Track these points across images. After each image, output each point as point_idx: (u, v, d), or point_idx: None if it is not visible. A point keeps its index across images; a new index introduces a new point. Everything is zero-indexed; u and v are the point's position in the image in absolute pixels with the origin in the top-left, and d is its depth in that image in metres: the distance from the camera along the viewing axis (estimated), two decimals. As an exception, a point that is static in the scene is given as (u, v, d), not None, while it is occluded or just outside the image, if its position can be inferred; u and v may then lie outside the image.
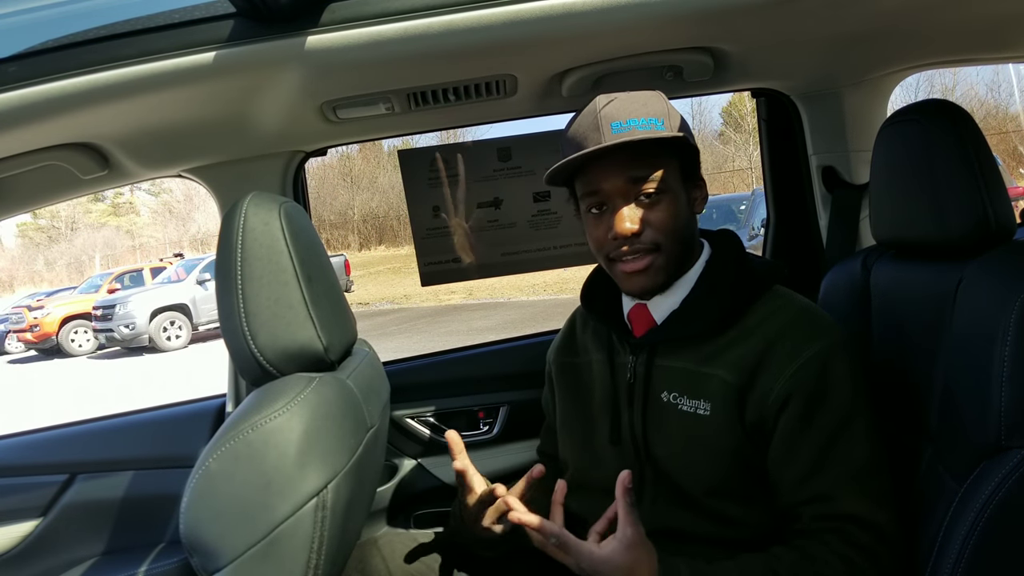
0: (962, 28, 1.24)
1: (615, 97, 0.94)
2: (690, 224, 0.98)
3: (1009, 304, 0.73)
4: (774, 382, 0.89)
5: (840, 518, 0.86)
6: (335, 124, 1.28)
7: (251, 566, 0.73)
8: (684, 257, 0.98)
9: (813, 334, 0.90)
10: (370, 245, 28.33)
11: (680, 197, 0.96)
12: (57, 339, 12.02)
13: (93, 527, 1.51)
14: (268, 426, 0.76)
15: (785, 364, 0.89)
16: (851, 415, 0.88)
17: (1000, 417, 0.72)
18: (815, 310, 0.95)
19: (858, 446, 0.87)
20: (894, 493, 0.89)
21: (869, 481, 0.87)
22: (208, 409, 1.58)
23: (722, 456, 0.91)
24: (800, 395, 0.88)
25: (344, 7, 0.92)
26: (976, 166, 0.89)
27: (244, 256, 0.84)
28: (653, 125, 0.92)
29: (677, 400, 0.96)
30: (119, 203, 34.24)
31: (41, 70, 0.90)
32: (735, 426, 0.90)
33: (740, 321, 0.94)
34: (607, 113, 0.93)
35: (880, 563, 0.85)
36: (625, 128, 0.91)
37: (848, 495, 0.86)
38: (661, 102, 0.96)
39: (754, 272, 0.98)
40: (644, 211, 0.94)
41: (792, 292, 0.99)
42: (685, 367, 0.96)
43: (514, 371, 1.66)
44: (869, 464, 0.87)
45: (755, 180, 21.13)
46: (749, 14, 1.01)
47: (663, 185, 0.93)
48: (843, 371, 0.89)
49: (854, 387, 0.89)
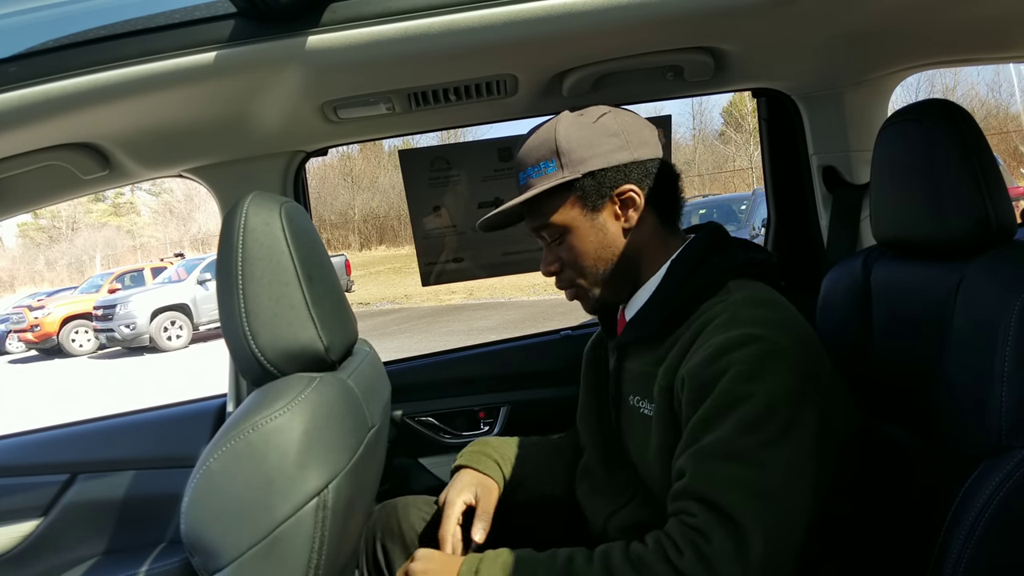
0: (963, 28, 1.24)
1: (525, 142, 1.01)
2: (618, 245, 0.98)
3: (1010, 304, 0.73)
4: (680, 371, 0.87)
5: (680, 493, 0.81)
6: (336, 124, 1.28)
7: (252, 566, 0.73)
8: (625, 275, 1.00)
9: (730, 325, 0.85)
10: (371, 245, 28.35)
11: (589, 229, 0.98)
12: (58, 339, 12.02)
13: (94, 527, 1.51)
14: (269, 426, 0.76)
15: (694, 353, 0.87)
16: (734, 403, 0.80)
17: (1001, 417, 0.72)
18: (758, 306, 0.88)
19: (732, 433, 0.79)
20: (781, 507, 0.77)
21: (728, 464, 0.78)
22: (209, 409, 1.58)
23: (665, 455, 0.90)
24: (692, 378, 0.85)
25: (344, 7, 0.92)
26: (977, 166, 0.89)
27: (245, 256, 0.84)
28: (544, 169, 0.98)
29: (639, 403, 0.98)
30: (120, 203, 34.28)
31: (42, 70, 0.90)
32: (670, 424, 0.90)
33: (688, 319, 0.93)
34: (517, 162, 1.03)
35: (710, 552, 0.75)
36: (524, 177, 1.01)
37: (693, 469, 0.80)
38: (550, 139, 0.98)
39: (711, 268, 0.94)
40: (557, 250, 1.02)
41: (750, 286, 0.92)
42: (643, 370, 0.97)
43: (515, 371, 1.66)
44: (739, 454, 0.78)
45: (756, 180, 21.12)
46: (750, 14, 1.01)
47: (562, 227, 0.99)
48: (744, 359, 0.81)
49: (749, 380, 0.80)
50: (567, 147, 0.97)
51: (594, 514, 1.07)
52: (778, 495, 0.78)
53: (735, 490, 0.77)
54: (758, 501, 0.77)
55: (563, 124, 0.98)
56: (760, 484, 0.78)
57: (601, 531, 1.04)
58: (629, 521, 1.00)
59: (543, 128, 1.00)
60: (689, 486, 0.81)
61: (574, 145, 0.97)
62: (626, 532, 0.99)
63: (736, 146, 26.09)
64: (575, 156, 0.96)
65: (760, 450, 0.79)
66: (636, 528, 0.97)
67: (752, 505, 0.77)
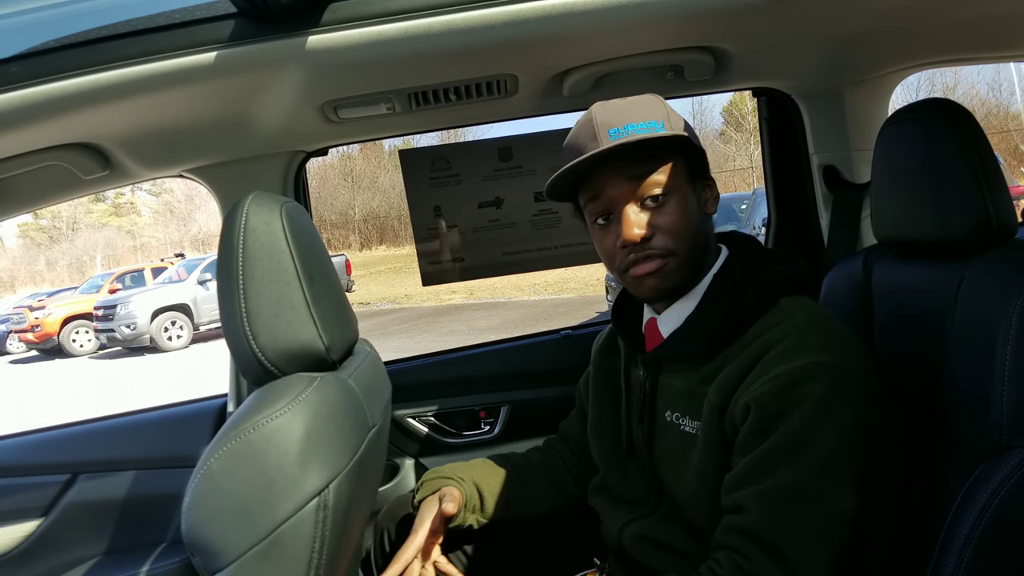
0: (963, 27, 1.24)
1: (612, 104, 0.92)
2: (703, 226, 0.94)
3: (1011, 303, 0.73)
4: (743, 395, 0.83)
5: (745, 534, 0.79)
6: (336, 124, 1.28)
7: (253, 566, 0.73)
8: (699, 260, 0.93)
9: (797, 352, 0.82)
10: (371, 245, 28.35)
11: (689, 198, 0.92)
12: (58, 339, 12.03)
13: (95, 527, 1.51)
14: (270, 425, 0.76)
15: (757, 379, 0.83)
16: (809, 441, 0.78)
17: (1002, 416, 0.72)
18: (820, 328, 0.86)
19: (807, 474, 0.78)
20: (840, 553, 0.78)
21: (797, 511, 0.77)
22: (209, 409, 1.58)
23: (710, 476, 0.88)
24: (758, 407, 0.81)
25: (345, 7, 0.92)
26: (977, 165, 0.89)
27: (246, 256, 0.84)
28: (652, 128, 0.89)
29: (679, 420, 0.93)
30: (120, 203, 34.28)
31: (42, 70, 0.90)
32: (718, 445, 0.87)
33: (741, 337, 0.89)
34: (604, 120, 0.90)
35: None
36: (624, 133, 0.88)
37: (764, 513, 0.78)
38: (660, 105, 0.93)
39: (762, 285, 0.91)
40: (651, 215, 0.90)
41: (804, 304, 0.90)
42: (685, 386, 0.93)
43: (515, 371, 1.66)
44: (813, 498, 0.77)
45: (756, 179, 21.12)
46: (750, 13, 1.01)
47: (669, 186, 0.89)
48: (816, 394, 0.79)
49: (825, 415, 0.79)
50: (674, 117, 0.93)
51: (610, 522, 1.05)
52: (838, 534, 0.78)
53: (800, 539, 0.77)
54: (818, 545, 0.77)
55: (663, 100, 0.95)
56: (826, 532, 0.77)
57: (616, 538, 1.02)
58: (647, 532, 0.98)
59: (637, 97, 0.94)
60: (753, 527, 0.79)
61: (678, 119, 0.94)
62: (642, 541, 0.98)
63: (736, 145, 26.07)
64: (681, 127, 0.93)
65: (831, 491, 0.78)
66: (653, 539, 0.96)
67: (814, 552, 0.77)
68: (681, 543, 0.93)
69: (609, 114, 0.90)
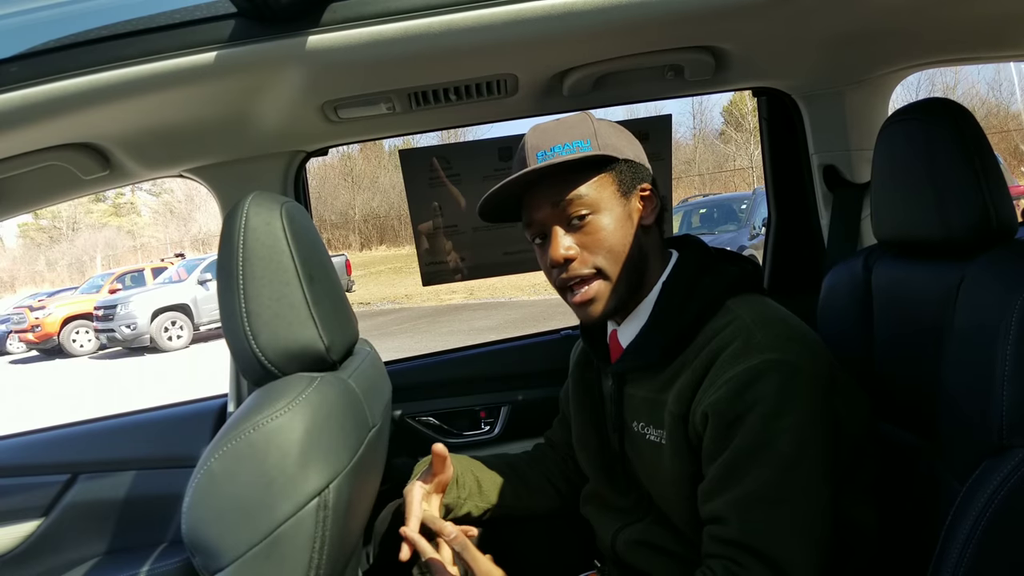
0: (963, 27, 1.24)
1: (543, 126, 0.95)
2: (638, 239, 0.94)
3: (1011, 303, 0.73)
4: (700, 403, 0.85)
5: (731, 543, 0.81)
6: (336, 124, 1.28)
7: (253, 566, 0.73)
8: (636, 274, 0.94)
9: (748, 351, 0.83)
10: (371, 245, 28.35)
11: (616, 214, 0.92)
12: (58, 339, 12.03)
13: (95, 527, 1.51)
14: (270, 426, 0.76)
15: (711, 385, 0.84)
16: (770, 441, 0.79)
17: (1002, 416, 0.72)
18: (768, 325, 0.86)
19: (775, 474, 0.79)
20: (823, 543, 0.81)
21: (774, 511, 0.79)
22: (210, 409, 1.58)
23: (682, 483, 0.89)
24: (716, 415, 0.82)
25: (345, 7, 0.92)
26: (977, 165, 0.89)
27: (246, 256, 0.84)
28: (578, 148, 0.91)
29: (644, 429, 0.95)
30: (120, 203, 34.28)
31: (42, 70, 0.90)
32: (685, 452, 0.88)
33: (693, 342, 0.90)
34: (533, 144, 0.93)
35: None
36: (550, 155, 0.91)
37: (743, 520, 0.80)
38: (588, 124, 0.94)
39: (707, 289, 0.92)
40: (577, 235, 0.92)
41: (751, 303, 0.90)
42: (647, 395, 0.95)
43: (515, 371, 1.66)
44: (785, 495, 0.79)
45: (756, 179, 21.11)
46: (750, 13, 1.01)
47: (593, 204, 0.91)
48: (770, 393, 0.80)
49: (781, 414, 0.79)
50: (604, 133, 0.94)
51: (603, 529, 1.06)
52: (819, 524, 0.80)
53: (784, 539, 0.79)
54: (803, 539, 0.79)
55: (593, 117, 0.97)
56: (807, 526, 0.79)
57: (609, 545, 1.03)
58: (641, 536, 0.99)
59: (568, 117, 0.96)
60: (739, 537, 0.80)
61: (610, 134, 0.95)
62: (636, 546, 0.99)
63: (736, 145, 26.07)
64: (610, 142, 0.94)
65: (802, 486, 0.80)
66: (647, 543, 0.98)
67: (801, 547, 0.79)
68: (675, 544, 0.95)
69: (539, 137, 0.94)
